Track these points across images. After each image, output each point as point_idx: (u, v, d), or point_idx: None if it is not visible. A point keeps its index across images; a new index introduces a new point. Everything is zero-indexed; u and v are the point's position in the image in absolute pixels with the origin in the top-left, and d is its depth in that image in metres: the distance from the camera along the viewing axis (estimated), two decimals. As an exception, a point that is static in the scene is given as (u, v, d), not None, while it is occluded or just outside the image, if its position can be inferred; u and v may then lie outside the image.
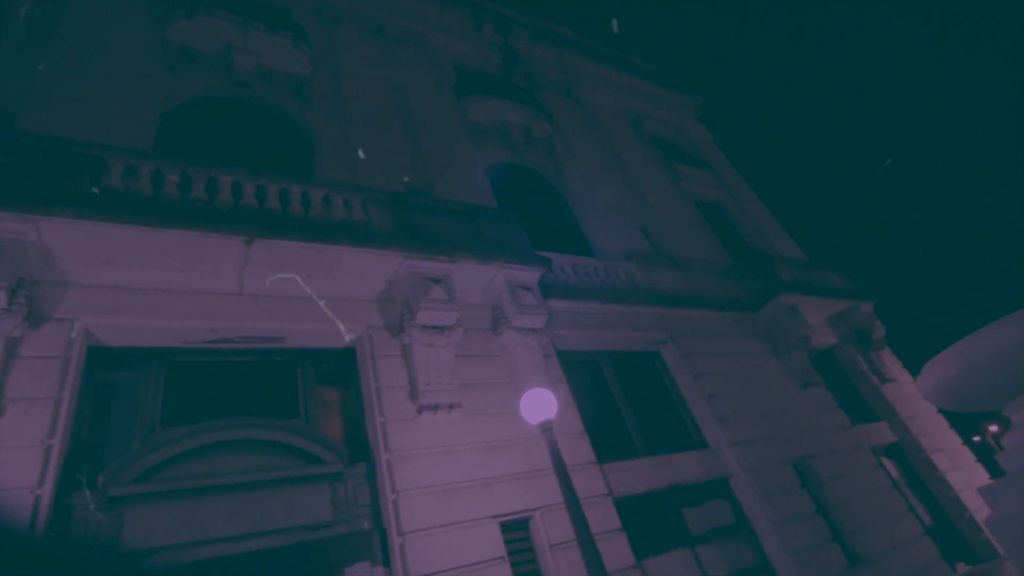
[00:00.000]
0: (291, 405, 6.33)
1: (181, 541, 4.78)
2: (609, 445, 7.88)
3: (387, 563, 5.51)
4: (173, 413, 5.65)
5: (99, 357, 5.64)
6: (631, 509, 7.17)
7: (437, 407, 6.43)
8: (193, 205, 5.90)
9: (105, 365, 5.69)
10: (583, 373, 8.74)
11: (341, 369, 6.91)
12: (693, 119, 18.98)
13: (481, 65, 14.13)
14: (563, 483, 4.77)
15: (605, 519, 6.64)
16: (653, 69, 19.09)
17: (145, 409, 5.57)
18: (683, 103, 18.96)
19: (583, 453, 7.19)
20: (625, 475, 7.49)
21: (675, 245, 12.21)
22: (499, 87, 13.16)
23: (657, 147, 15.78)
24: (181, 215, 5.65)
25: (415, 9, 13.62)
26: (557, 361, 8.10)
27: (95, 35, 8.41)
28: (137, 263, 5.62)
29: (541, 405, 5.11)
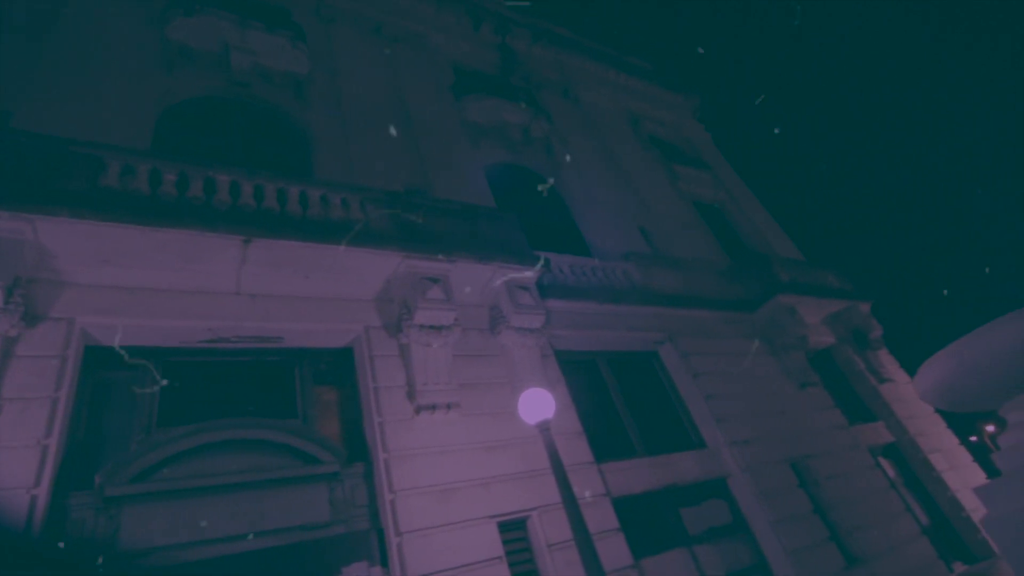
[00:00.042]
0: (289, 405, 6.33)
1: (178, 541, 4.78)
2: (607, 445, 7.89)
3: (385, 563, 5.51)
4: (170, 413, 5.64)
5: (96, 357, 5.63)
6: (629, 509, 7.18)
7: (435, 407, 6.43)
8: (190, 204, 5.88)
9: (102, 365, 5.68)
10: (581, 373, 8.74)
11: (339, 369, 6.90)
12: (691, 119, 19.01)
13: (479, 65, 14.13)
14: (561, 483, 4.77)
15: (603, 519, 6.64)
16: (651, 69, 19.10)
17: (142, 409, 5.56)
18: (681, 103, 18.98)
19: (581, 453, 7.19)
20: (623, 475, 7.49)
21: (673, 245, 12.22)
22: (497, 87, 13.15)
23: (655, 147, 15.78)
24: (178, 214, 5.62)
25: (413, 9, 13.60)
26: (555, 361, 8.11)
27: (92, 33, 8.39)
28: (134, 262, 5.60)
29: (539, 405, 5.11)
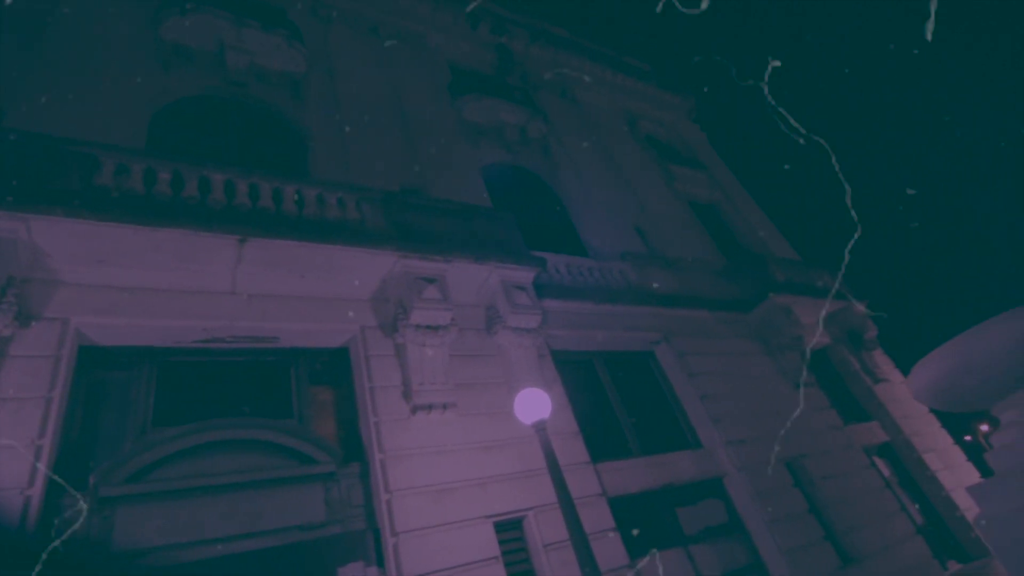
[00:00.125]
0: (284, 405, 6.31)
1: (173, 542, 4.76)
2: (603, 445, 7.90)
3: (381, 563, 5.50)
4: (165, 413, 5.62)
5: (90, 356, 5.60)
6: (625, 509, 7.19)
7: (431, 407, 6.42)
8: (186, 204, 5.85)
9: (96, 365, 5.65)
10: (577, 373, 8.75)
11: (334, 369, 6.89)
12: (687, 120, 19.04)
13: (476, 65, 14.12)
14: (557, 483, 4.77)
15: (599, 519, 6.64)
16: (648, 70, 19.13)
17: (137, 409, 5.54)
18: (677, 103, 19.00)
19: (577, 453, 7.19)
20: (619, 475, 7.50)
21: (669, 245, 12.24)
22: (494, 87, 13.14)
23: (652, 147, 15.80)
24: (173, 214, 5.60)
25: (410, 8, 13.57)
26: (551, 361, 8.11)
27: (87, 32, 8.35)
28: (129, 262, 5.58)
29: (535, 405, 5.11)
